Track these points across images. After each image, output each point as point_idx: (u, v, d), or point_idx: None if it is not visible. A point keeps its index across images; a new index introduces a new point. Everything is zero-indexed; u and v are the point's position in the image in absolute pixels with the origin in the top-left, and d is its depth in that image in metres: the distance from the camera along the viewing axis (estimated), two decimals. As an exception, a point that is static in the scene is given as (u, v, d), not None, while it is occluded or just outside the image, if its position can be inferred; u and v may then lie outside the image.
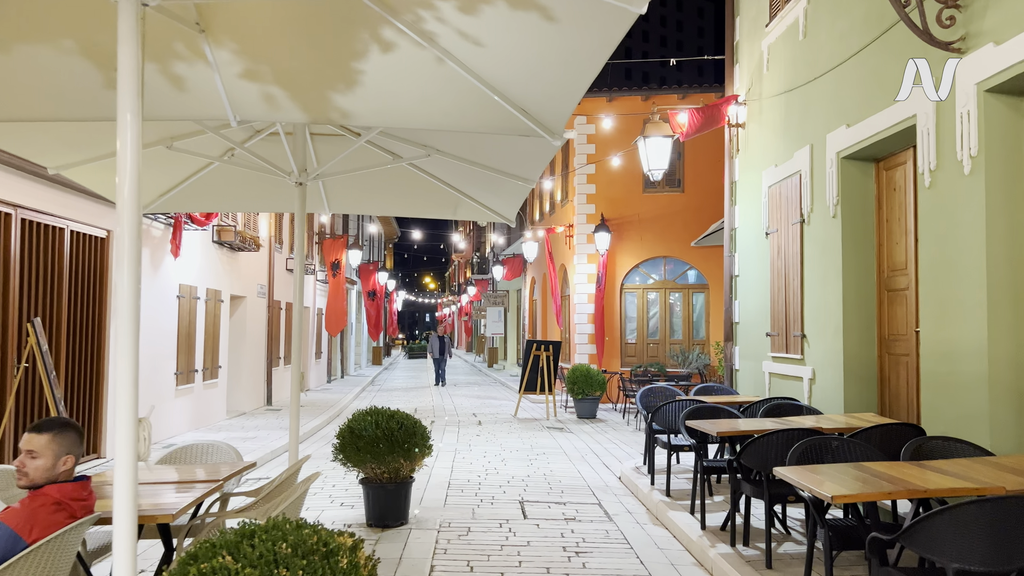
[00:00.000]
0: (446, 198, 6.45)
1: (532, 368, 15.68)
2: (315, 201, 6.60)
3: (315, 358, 21.74)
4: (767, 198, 8.68)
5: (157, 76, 3.60)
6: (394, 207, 7.01)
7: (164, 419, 10.72)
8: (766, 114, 8.86)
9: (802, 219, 7.73)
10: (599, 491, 8.17)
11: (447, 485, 8.33)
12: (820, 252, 7.36)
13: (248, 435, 11.56)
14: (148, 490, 3.89)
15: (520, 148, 5.05)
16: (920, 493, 3.45)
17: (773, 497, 5.31)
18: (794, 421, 6.11)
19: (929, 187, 5.58)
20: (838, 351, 6.98)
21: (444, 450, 10.73)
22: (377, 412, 6.58)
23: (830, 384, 7.13)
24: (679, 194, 18.53)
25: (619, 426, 13.77)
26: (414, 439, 6.48)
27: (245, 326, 14.71)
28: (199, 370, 12.01)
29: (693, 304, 18.78)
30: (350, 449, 6.44)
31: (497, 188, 6.00)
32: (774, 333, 8.39)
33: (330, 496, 7.80)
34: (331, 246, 21.45)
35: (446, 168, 5.91)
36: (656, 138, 9.36)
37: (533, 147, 4.85)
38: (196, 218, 10.68)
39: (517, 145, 5.02)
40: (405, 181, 6.29)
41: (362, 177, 6.35)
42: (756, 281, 9.04)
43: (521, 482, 8.57)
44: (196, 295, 11.78)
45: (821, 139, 7.34)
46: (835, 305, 7.05)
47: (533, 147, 4.85)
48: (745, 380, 9.39)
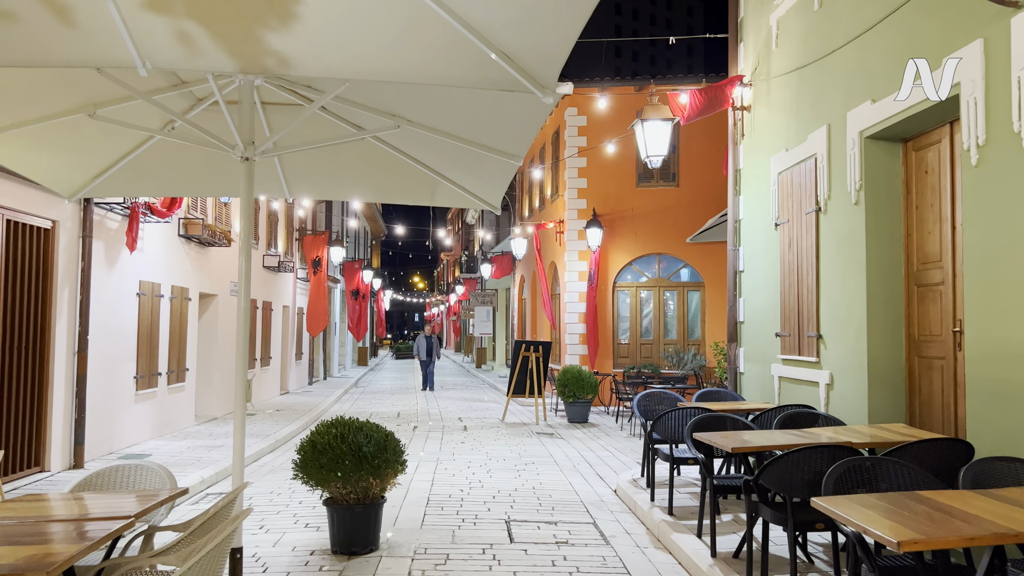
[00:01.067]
0: (422, 181, 5.69)
1: (521, 370, 14.91)
2: (273, 184, 5.81)
3: (295, 359, 20.90)
4: (776, 186, 7.95)
5: (37, 6, 2.82)
6: (363, 191, 6.24)
7: (121, 427, 9.90)
8: (775, 94, 8.12)
9: (818, 207, 7.00)
10: (594, 507, 7.42)
11: (426, 501, 7.55)
12: (839, 243, 6.63)
13: (215, 443, 10.74)
14: (37, 530, 3.11)
15: (504, 115, 4.29)
16: (1013, 538, 2.71)
17: (798, 524, 4.57)
18: (815, 434, 5.37)
19: (976, 165, 4.85)
20: (860, 353, 6.25)
21: (425, 460, 9.95)
22: (343, 424, 5.80)
23: (851, 390, 6.40)
24: (673, 188, 17.81)
25: (612, 431, 13.02)
26: (385, 454, 5.70)
27: (217, 326, 13.88)
28: (163, 373, 11.18)
29: (688, 303, 18.07)
30: (312, 466, 5.66)
31: (479, 168, 5.24)
32: (785, 333, 7.66)
33: (295, 516, 7.01)
34: (312, 243, 20.63)
35: (420, 145, 5.14)
36: (655, 121, 8.62)
37: (519, 111, 4.09)
38: (157, 208, 9.85)
39: (500, 110, 4.26)
40: (374, 161, 5.53)
41: (325, 157, 5.57)
42: (763, 277, 8.31)
43: (508, 497, 7.81)
44: (159, 293, 10.95)
45: (840, 118, 6.60)
46: (857, 302, 6.32)
47: (519, 111, 4.09)
48: (751, 384, 8.65)
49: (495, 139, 4.58)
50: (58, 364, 8.33)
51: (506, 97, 3.97)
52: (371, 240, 42.69)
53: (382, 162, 5.50)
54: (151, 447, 10.18)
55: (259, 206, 16.41)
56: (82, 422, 8.62)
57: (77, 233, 8.71)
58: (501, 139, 4.55)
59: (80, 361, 8.66)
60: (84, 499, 3.74)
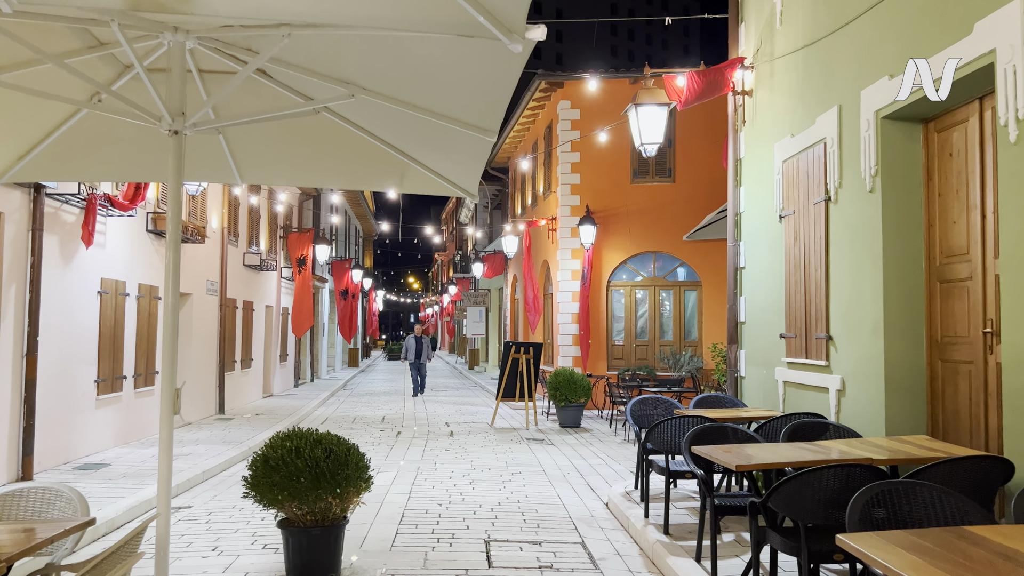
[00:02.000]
0: (389, 165, 5.06)
1: (511, 372, 14.29)
2: (221, 168, 5.18)
3: (280, 361, 20.25)
4: (781, 175, 7.35)
5: None
6: (325, 177, 5.61)
7: (80, 434, 9.25)
8: (779, 76, 7.52)
9: (827, 197, 6.40)
10: (583, 524, 6.80)
11: (400, 518, 6.93)
12: (852, 235, 6.02)
13: (183, 450, 10.10)
14: None
15: (470, 79, 3.68)
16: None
17: (812, 555, 3.96)
18: (829, 448, 4.76)
19: (1016, 142, 4.25)
20: (876, 356, 5.65)
21: (405, 470, 9.33)
22: (299, 436, 5.18)
23: (865, 397, 5.80)
24: (669, 184, 17.21)
25: (605, 436, 12.41)
26: (346, 470, 5.08)
27: (191, 326, 13.23)
28: (129, 377, 10.53)
29: (685, 303, 17.47)
30: (263, 484, 5.04)
31: (450, 148, 4.63)
32: (790, 334, 7.06)
33: (254, 535, 6.38)
34: (297, 240, 19.98)
35: (382, 121, 4.53)
36: (650, 107, 8.01)
37: (486, 73, 3.48)
38: (118, 201, 9.21)
39: (465, 74, 3.65)
40: (334, 142, 4.91)
41: (278, 137, 4.95)
42: (766, 273, 7.71)
43: (490, 512, 7.18)
44: (124, 291, 10.31)
45: (853, 97, 6.00)
46: (872, 300, 5.72)
47: (486, 73, 3.48)
48: (753, 389, 8.05)
49: (463, 110, 3.96)
50: (2, 368, 7.69)
51: (470, 58, 3.37)
52: (359, 238, 42.04)
53: (343, 143, 4.89)
54: (112, 455, 9.54)
55: (238, 201, 15.77)
56: (31, 430, 7.98)
57: (26, 226, 8.07)
58: (470, 109, 3.94)
59: (29, 364, 8.02)
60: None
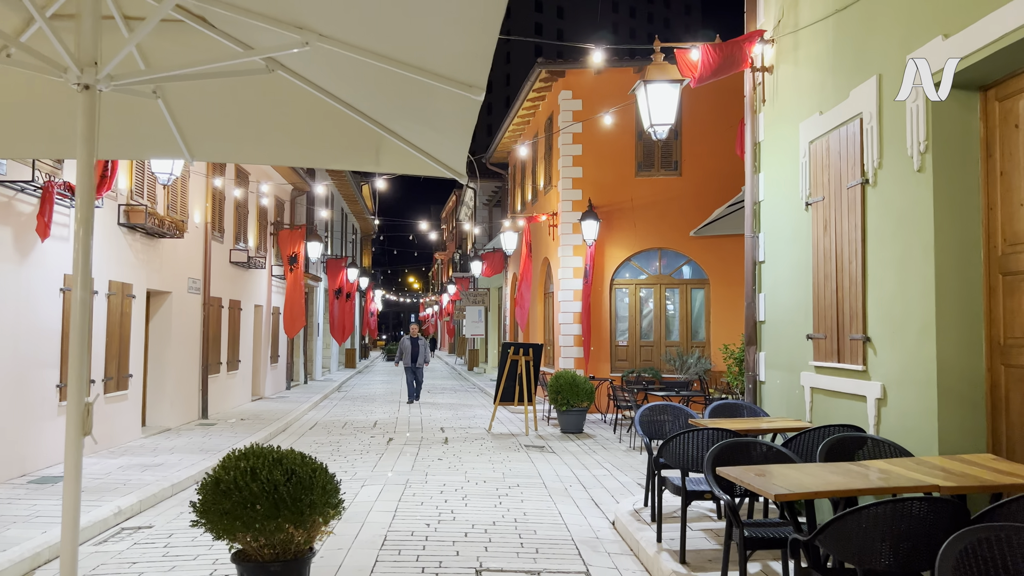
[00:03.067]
0: (361, 137, 4.31)
1: (509, 375, 13.54)
2: (165, 141, 4.42)
3: (270, 363, 19.50)
4: (807, 157, 6.59)
5: None
6: (287, 152, 4.85)
7: (38, 444, 8.51)
8: (804, 48, 6.77)
9: (864, 179, 5.65)
10: (587, 548, 6.06)
11: (382, 542, 6.18)
12: (895, 222, 5.27)
13: (155, 460, 9.36)
14: None
15: (450, 16, 2.93)
16: None
17: (873, 607, 3.22)
18: (885, 472, 4.01)
19: (1118, 101, 3.49)
20: (927, 361, 4.90)
21: (392, 482, 8.57)
22: (257, 455, 4.43)
23: (913, 407, 5.04)
24: (676, 177, 16.46)
25: (610, 443, 11.67)
26: (310, 495, 4.33)
27: (171, 327, 12.49)
28: (97, 380, 9.78)
29: (692, 302, 16.72)
30: (214, 512, 4.29)
31: (431, 113, 3.88)
32: (819, 335, 6.30)
33: (214, 563, 5.63)
34: (288, 237, 19.24)
35: (348, 79, 3.78)
36: (660, 84, 7.26)
37: (470, 7, 2.74)
38: (80, 191, 8.46)
39: (444, 10, 2.91)
40: (295, 109, 4.16)
41: (231, 107, 4.21)
42: (791, 267, 6.95)
43: (483, 534, 6.44)
44: (92, 288, 9.55)
45: (896, 64, 5.25)
46: (921, 295, 4.97)
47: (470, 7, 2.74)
48: (774, 396, 7.30)
49: (442, 60, 3.21)
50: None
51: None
52: (356, 236, 41.34)
53: (306, 112, 4.15)
54: (76, 467, 8.78)
55: (223, 195, 15.01)
56: (-21, 441, 7.24)
57: (-27, 216, 7.34)
58: (449, 59, 3.19)
59: (-23, 368, 7.29)
60: None
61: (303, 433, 12.88)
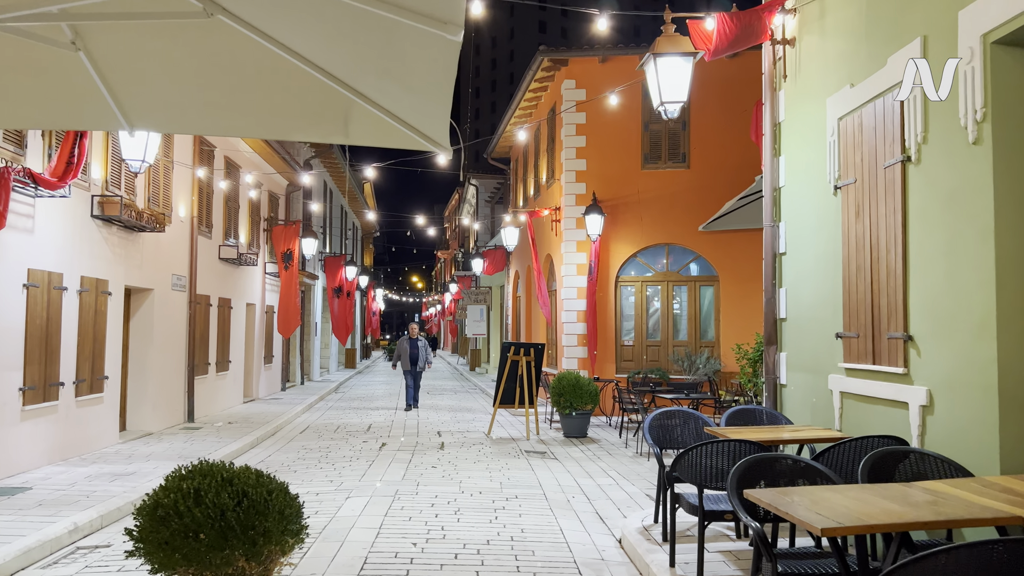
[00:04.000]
0: (326, 102, 3.65)
1: (509, 376, 12.87)
2: (96, 110, 3.77)
3: (264, 363, 18.87)
4: (836, 136, 5.93)
5: None
6: (241, 122, 4.19)
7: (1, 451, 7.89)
8: (832, 16, 6.11)
9: (905, 157, 4.98)
10: (590, 571, 5.40)
11: (361, 564, 5.52)
12: (944, 203, 4.61)
13: (128, 468, 8.73)
14: None
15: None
16: None
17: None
18: (939, 492, 3.35)
19: None
20: (984, 363, 4.23)
21: (381, 493, 7.92)
22: (204, 474, 3.78)
23: (967, 416, 4.38)
24: (684, 170, 15.78)
25: (615, 448, 11.00)
26: (266, 522, 3.68)
27: (153, 326, 11.86)
28: (67, 383, 9.15)
29: (700, 300, 16.04)
30: (151, 542, 3.64)
31: (403, 67, 3.24)
32: (851, 334, 5.64)
33: (169, 591, 4.98)
34: (282, 234, 18.60)
35: (302, 26, 3.14)
36: (671, 57, 6.59)
37: None
38: (43, 178, 7.84)
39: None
40: (248, 71, 3.52)
41: (171, 66, 3.55)
42: (816, 259, 6.29)
43: (476, 555, 5.78)
44: (60, 284, 8.94)
45: (946, 22, 4.59)
46: (977, 287, 4.31)
47: None
48: (797, 401, 6.63)
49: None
50: None
51: None
52: (357, 234, 40.76)
53: (258, 70, 3.51)
54: (39, 476, 8.17)
55: (211, 188, 14.38)
56: (-75, 450, 6.61)
57: (-81, 204, 6.72)
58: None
59: (-78, 371, 6.66)
60: None
61: (292, 438, 12.24)
